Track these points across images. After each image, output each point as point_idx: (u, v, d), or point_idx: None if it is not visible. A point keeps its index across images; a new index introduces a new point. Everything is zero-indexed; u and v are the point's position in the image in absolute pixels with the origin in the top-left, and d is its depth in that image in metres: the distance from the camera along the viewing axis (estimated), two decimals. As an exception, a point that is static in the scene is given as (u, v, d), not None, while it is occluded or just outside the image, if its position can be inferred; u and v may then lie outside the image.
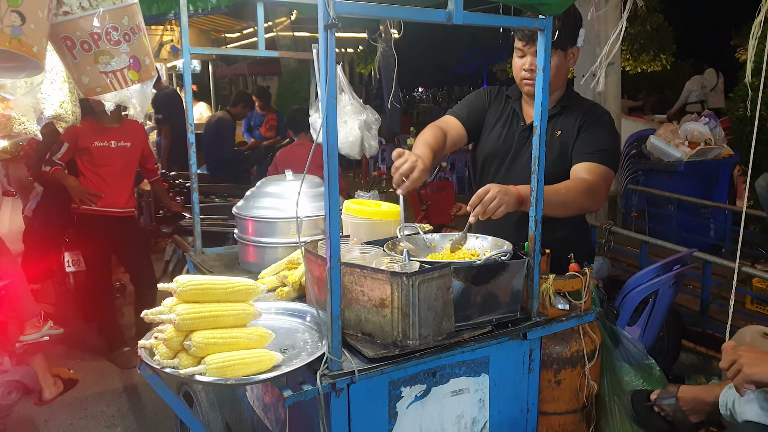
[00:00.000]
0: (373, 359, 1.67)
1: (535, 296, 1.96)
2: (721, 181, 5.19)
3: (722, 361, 1.64)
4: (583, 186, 2.18)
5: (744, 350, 1.59)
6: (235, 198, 5.63)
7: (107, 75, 2.04)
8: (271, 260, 2.48)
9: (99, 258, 4.18)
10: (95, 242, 4.12)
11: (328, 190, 1.51)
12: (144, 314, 1.56)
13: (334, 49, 1.47)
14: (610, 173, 2.27)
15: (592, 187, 2.19)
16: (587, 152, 2.27)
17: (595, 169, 2.23)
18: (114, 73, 2.02)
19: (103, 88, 2.04)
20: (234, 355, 1.53)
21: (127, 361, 4.09)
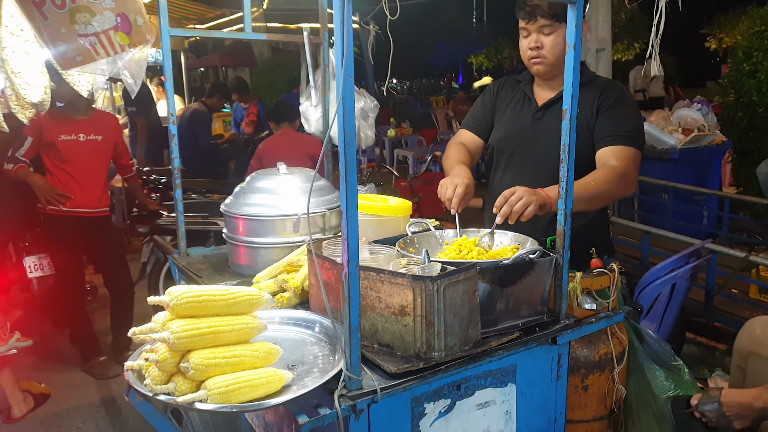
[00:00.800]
0: (395, 375, 1.48)
1: (563, 297, 1.79)
2: (714, 168, 5.11)
3: None
4: (614, 174, 2.04)
5: None
6: (214, 194, 5.38)
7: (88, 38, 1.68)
8: (266, 262, 2.28)
9: (69, 261, 3.87)
10: (65, 245, 3.81)
11: (346, 184, 1.30)
12: (132, 333, 1.35)
13: (351, 20, 1.26)
14: (637, 154, 2.14)
15: (622, 174, 2.06)
16: (612, 135, 2.13)
17: (623, 153, 2.10)
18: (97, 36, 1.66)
19: (85, 56, 1.67)
20: (239, 377, 1.33)
21: (103, 372, 3.84)
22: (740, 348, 2.99)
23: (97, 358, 3.90)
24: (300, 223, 2.28)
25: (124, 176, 4.44)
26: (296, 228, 2.29)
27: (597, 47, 5.34)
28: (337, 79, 1.28)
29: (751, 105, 5.16)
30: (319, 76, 2.91)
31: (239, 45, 15.39)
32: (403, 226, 2.11)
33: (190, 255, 2.66)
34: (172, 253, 2.74)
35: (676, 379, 1.99)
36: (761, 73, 5.12)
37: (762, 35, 5.21)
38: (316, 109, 2.94)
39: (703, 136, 4.93)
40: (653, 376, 2.00)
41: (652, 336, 2.06)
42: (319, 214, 2.34)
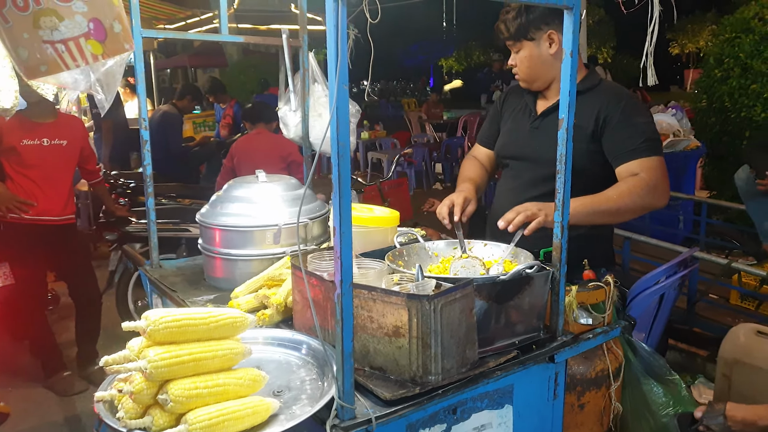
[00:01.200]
0: (390, 401, 1.38)
1: (560, 312, 1.72)
2: (689, 173, 5.14)
3: None
4: (641, 186, 1.97)
5: None
6: (185, 199, 5.21)
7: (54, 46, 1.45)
8: (244, 275, 2.16)
9: (31, 271, 3.67)
10: (27, 254, 3.60)
11: (340, 199, 1.21)
12: (104, 363, 1.22)
13: (345, 24, 1.17)
14: (662, 161, 2.05)
15: (651, 185, 1.98)
16: (632, 148, 2.03)
17: (648, 164, 2.01)
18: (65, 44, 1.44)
19: (50, 65, 1.45)
20: (223, 409, 1.22)
21: (67, 388, 3.65)
22: (725, 356, 2.97)
23: (61, 373, 3.71)
24: (281, 233, 2.17)
25: (91, 182, 4.24)
26: (277, 239, 2.18)
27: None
28: (330, 87, 1.18)
29: (724, 110, 5.21)
30: (299, 80, 2.80)
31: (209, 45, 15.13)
32: (390, 237, 2.02)
33: (162, 267, 2.53)
34: (144, 265, 2.60)
35: (674, 395, 1.94)
36: (732, 79, 5.17)
37: (732, 42, 5.27)
38: (295, 113, 2.83)
39: (679, 141, 4.96)
40: (649, 392, 1.94)
41: (646, 350, 2.00)
42: (300, 224, 2.23)
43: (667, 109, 5.50)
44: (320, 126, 2.78)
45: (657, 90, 25.33)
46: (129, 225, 4.35)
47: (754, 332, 2.90)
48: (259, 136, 4.55)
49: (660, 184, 2.03)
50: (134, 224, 4.40)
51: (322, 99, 2.76)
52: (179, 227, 4.47)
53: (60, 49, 1.44)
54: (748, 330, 2.93)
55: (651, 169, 2.01)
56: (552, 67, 2.19)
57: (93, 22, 1.44)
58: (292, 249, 2.21)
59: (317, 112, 2.78)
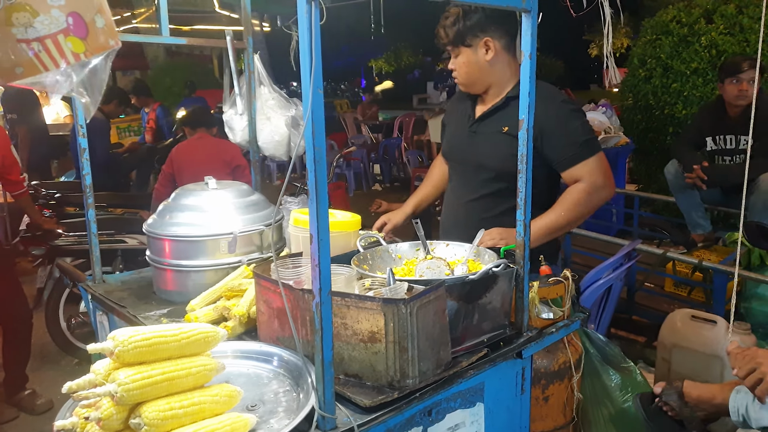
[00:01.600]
0: (370, 408, 1.36)
1: (525, 308, 1.75)
2: (620, 168, 5.38)
3: (738, 367, 1.52)
4: (584, 193, 2.11)
5: (764, 356, 1.47)
6: (117, 208, 4.98)
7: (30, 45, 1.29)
8: (198, 287, 2.08)
9: None
10: None
11: (317, 205, 1.18)
12: (67, 389, 1.14)
13: (318, 26, 1.14)
14: (600, 157, 2.15)
15: (595, 187, 2.11)
16: (571, 155, 2.12)
17: (590, 167, 2.12)
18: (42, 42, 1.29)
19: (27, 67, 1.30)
20: (200, 429, 1.16)
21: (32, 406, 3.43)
22: (664, 341, 3.13)
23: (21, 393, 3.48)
24: (236, 242, 2.11)
25: (14, 193, 3.96)
26: (232, 248, 2.11)
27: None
28: (305, 91, 1.15)
29: (648, 108, 5.48)
30: (244, 82, 2.73)
31: (128, 47, 14.53)
32: (353, 241, 2.00)
33: (106, 281, 2.40)
34: (84, 280, 2.46)
35: (630, 381, 2.02)
36: (655, 78, 5.44)
37: (654, 44, 5.55)
38: (241, 117, 2.75)
39: (610, 138, 5.18)
40: (608, 379, 2.01)
41: (602, 339, 2.07)
42: (256, 231, 2.17)
43: (598, 108, 5.73)
44: (268, 129, 2.72)
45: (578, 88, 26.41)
46: (58, 238, 4.10)
47: (689, 317, 3.07)
48: (200, 141, 4.41)
49: (604, 181, 2.14)
50: (64, 237, 4.17)
51: (270, 102, 2.70)
52: (114, 238, 4.27)
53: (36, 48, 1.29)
54: (683, 315, 3.10)
55: (592, 172, 2.12)
56: (489, 73, 2.25)
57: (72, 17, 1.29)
58: (248, 257, 2.15)
59: (265, 116, 2.72)
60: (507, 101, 2.24)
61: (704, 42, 5.09)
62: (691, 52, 5.15)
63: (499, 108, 2.26)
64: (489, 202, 2.29)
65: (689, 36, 5.22)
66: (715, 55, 5.03)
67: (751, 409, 1.60)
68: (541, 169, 2.14)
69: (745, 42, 4.98)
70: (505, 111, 2.24)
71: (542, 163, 2.15)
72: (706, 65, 5.07)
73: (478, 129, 2.31)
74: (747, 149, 3.69)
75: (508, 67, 2.26)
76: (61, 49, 1.31)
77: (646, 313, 3.65)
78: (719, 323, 2.88)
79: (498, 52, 2.22)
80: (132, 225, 4.57)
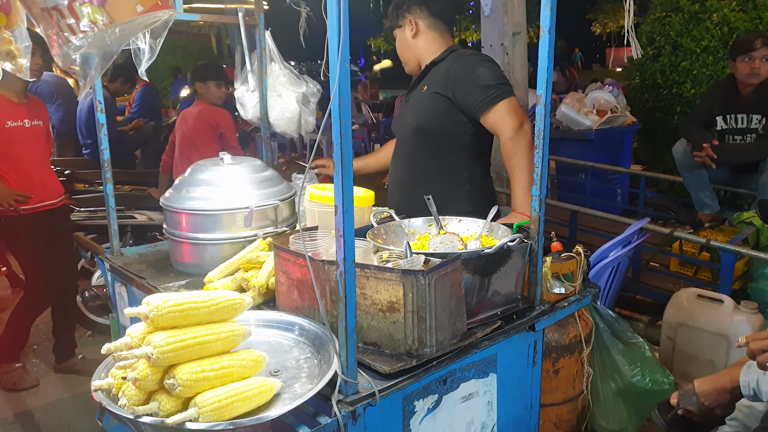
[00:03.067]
0: (389, 375, 1.41)
1: (539, 283, 1.79)
2: (626, 148, 5.38)
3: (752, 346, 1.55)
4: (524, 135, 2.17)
5: None
6: (125, 185, 5.02)
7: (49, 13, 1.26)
8: (214, 259, 2.13)
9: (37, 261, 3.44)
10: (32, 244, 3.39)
11: (342, 177, 1.21)
12: (106, 350, 1.19)
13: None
14: (511, 100, 2.21)
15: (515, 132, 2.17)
16: (481, 98, 2.21)
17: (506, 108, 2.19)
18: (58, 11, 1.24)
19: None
20: (230, 391, 1.21)
21: (17, 381, 3.45)
22: (669, 320, 3.17)
23: (11, 364, 3.48)
24: (252, 216, 2.15)
25: None
26: (248, 222, 2.15)
27: (513, 31, 5.44)
28: (332, 64, 1.17)
29: (656, 87, 5.46)
30: (255, 59, 2.74)
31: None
32: (367, 216, 2.03)
33: (124, 254, 2.44)
34: (103, 253, 2.50)
35: (639, 356, 2.06)
36: (664, 57, 5.41)
37: (663, 21, 5.51)
38: (252, 94, 2.78)
39: (616, 117, 5.17)
40: (617, 354, 2.05)
41: (612, 315, 2.11)
42: (271, 206, 2.21)
43: (605, 86, 5.72)
44: (279, 106, 2.74)
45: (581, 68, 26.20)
46: (72, 213, 4.15)
47: (695, 296, 3.11)
48: (195, 108, 4.38)
49: (520, 119, 2.19)
50: (77, 212, 4.21)
51: (281, 79, 2.72)
52: (124, 214, 4.31)
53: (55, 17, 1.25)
54: (689, 294, 3.14)
55: (509, 114, 2.19)
56: (414, 49, 2.46)
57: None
58: (263, 231, 2.19)
59: (276, 92, 2.74)
60: (428, 67, 2.42)
61: (716, 19, 5.05)
62: (702, 29, 5.11)
63: (422, 75, 2.44)
64: (415, 156, 2.45)
65: (700, 13, 5.17)
66: (726, 32, 4.98)
67: (762, 382, 1.64)
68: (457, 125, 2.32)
69: (758, 19, 4.94)
70: (427, 76, 2.42)
71: (460, 119, 2.31)
72: (717, 43, 5.03)
73: (410, 98, 2.50)
74: (759, 128, 3.70)
75: (432, 44, 2.42)
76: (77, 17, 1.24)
77: (650, 293, 3.69)
78: (726, 302, 2.92)
79: (421, 30, 2.41)
80: (140, 201, 4.62)
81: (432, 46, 2.41)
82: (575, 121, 5.11)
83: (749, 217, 3.55)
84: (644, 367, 2.03)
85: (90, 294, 4.13)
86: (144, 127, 6.85)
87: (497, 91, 2.19)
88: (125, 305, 2.37)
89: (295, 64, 21.38)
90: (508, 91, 2.21)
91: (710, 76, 5.06)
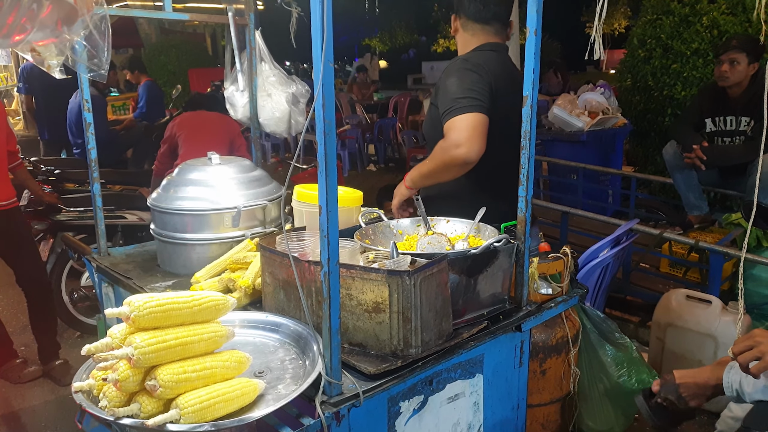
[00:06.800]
0: (374, 376, 1.40)
1: (525, 283, 1.79)
2: (617, 149, 5.39)
3: (736, 345, 1.56)
4: (440, 148, 2.08)
5: (762, 336, 1.51)
6: (115, 185, 4.99)
7: None
8: (202, 260, 2.13)
9: None
10: None
11: (325, 176, 1.21)
12: (86, 351, 1.18)
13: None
14: (467, 119, 2.04)
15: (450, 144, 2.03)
16: (444, 110, 2.12)
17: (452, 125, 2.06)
18: None
19: None
20: (212, 392, 1.20)
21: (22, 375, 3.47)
22: (658, 320, 3.18)
23: (13, 360, 3.50)
24: (240, 216, 2.14)
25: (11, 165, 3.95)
26: (236, 222, 2.14)
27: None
28: (316, 64, 1.17)
29: (647, 89, 5.48)
30: (245, 59, 2.74)
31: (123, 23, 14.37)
32: (355, 216, 2.03)
33: (111, 254, 2.43)
34: (90, 253, 2.49)
35: (626, 356, 2.06)
36: (655, 59, 5.43)
37: (655, 23, 5.53)
38: (242, 94, 2.77)
39: (608, 119, 5.19)
40: (604, 354, 2.05)
41: (599, 316, 2.11)
42: (259, 206, 2.20)
43: (596, 88, 5.73)
44: (269, 106, 2.73)
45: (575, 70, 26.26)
46: (59, 213, 4.12)
47: (684, 297, 3.11)
48: (202, 114, 4.37)
49: (460, 141, 2.03)
50: (65, 212, 4.18)
51: (271, 78, 2.71)
52: (114, 214, 4.29)
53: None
54: (679, 295, 3.14)
55: (452, 129, 2.06)
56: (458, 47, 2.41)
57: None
58: (251, 232, 2.18)
59: (266, 92, 2.73)
60: None
61: (705, 22, 5.07)
62: (692, 32, 5.13)
63: None
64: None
65: (690, 16, 5.20)
66: (716, 35, 5.01)
67: (744, 383, 1.64)
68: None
69: (747, 22, 4.96)
70: None
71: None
72: (707, 46, 5.05)
73: None
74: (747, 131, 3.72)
75: (464, 43, 2.38)
76: None
77: (640, 293, 3.70)
78: (714, 303, 2.93)
79: (458, 29, 2.39)
80: (131, 201, 4.58)
81: (463, 45, 2.37)
82: (567, 122, 5.12)
83: (737, 218, 3.56)
84: (631, 368, 2.04)
85: (78, 295, 4.13)
86: (136, 126, 6.83)
87: (456, 105, 2.09)
88: (112, 306, 2.36)
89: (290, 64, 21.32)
90: (466, 107, 2.07)
91: (700, 79, 5.08)
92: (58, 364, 3.55)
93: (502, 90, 2.17)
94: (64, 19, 1.40)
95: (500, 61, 2.28)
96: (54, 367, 3.54)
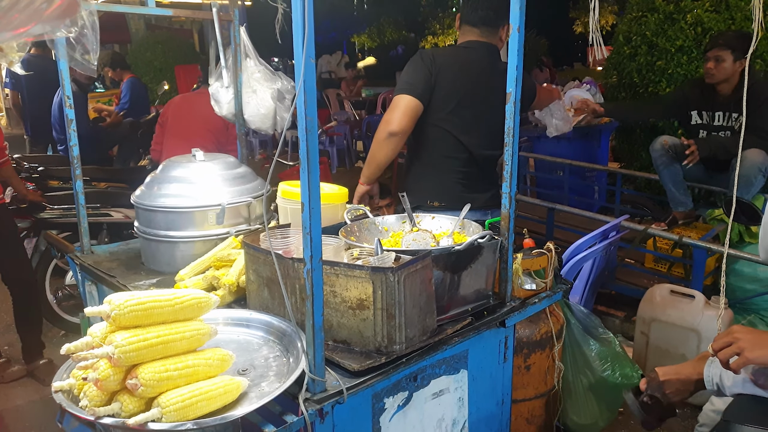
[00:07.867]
0: (358, 372, 1.41)
1: (509, 279, 1.80)
2: (603, 145, 5.42)
3: (715, 342, 1.57)
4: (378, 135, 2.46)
5: (741, 332, 1.53)
6: (100, 182, 4.94)
7: None
8: (186, 257, 2.11)
9: None
10: None
11: (308, 174, 1.20)
12: (66, 351, 1.17)
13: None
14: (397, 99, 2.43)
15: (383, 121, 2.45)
16: None
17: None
18: None
19: None
20: (194, 390, 1.20)
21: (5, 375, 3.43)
22: (643, 315, 3.21)
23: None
24: (224, 213, 2.13)
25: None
26: (220, 219, 2.14)
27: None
28: (297, 61, 1.16)
29: (633, 86, 5.51)
30: (230, 55, 2.72)
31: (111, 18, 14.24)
32: (340, 213, 2.02)
33: (94, 252, 2.41)
34: (73, 251, 2.47)
35: (610, 351, 2.08)
36: (640, 56, 5.46)
37: (640, 21, 5.56)
38: (227, 90, 2.75)
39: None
40: (588, 349, 2.07)
41: (583, 311, 2.13)
42: (243, 203, 2.19)
43: (582, 85, 5.75)
44: (254, 102, 2.71)
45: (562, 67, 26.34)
46: (43, 211, 4.08)
47: (668, 292, 3.15)
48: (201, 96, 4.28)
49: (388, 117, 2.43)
50: (49, 210, 4.14)
51: (256, 75, 2.70)
52: (99, 212, 4.26)
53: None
54: (663, 290, 3.17)
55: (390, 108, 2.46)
56: None
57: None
58: (236, 229, 2.17)
59: (251, 89, 2.71)
60: None
61: (690, 19, 5.10)
62: (677, 29, 5.16)
63: None
64: None
65: (675, 13, 5.23)
66: (700, 32, 5.05)
67: (724, 377, 1.66)
68: None
69: (730, 20, 5.01)
70: None
71: None
72: (691, 43, 5.09)
73: None
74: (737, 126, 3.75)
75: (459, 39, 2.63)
76: None
77: (626, 288, 3.73)
78: (698, 298, 2.96)
79: (459, 25, 2.64)
80: (117, 199, 4.54)
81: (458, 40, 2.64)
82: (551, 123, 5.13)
83: (720, 214, 3.59)
84: (614, 362, 2.05)
85: (63, 293, 4.10)
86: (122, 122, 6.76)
87: (397, 87, 2.45)
88: (96, 304, 2.34)
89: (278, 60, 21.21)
90: (400, 89, 2.43)
91: (685, 75, 5.12)
92: (42, 364, 3.50)
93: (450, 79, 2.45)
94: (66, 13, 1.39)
95: (466, 57, 2.52)
96: (38, 367, 3.50)
